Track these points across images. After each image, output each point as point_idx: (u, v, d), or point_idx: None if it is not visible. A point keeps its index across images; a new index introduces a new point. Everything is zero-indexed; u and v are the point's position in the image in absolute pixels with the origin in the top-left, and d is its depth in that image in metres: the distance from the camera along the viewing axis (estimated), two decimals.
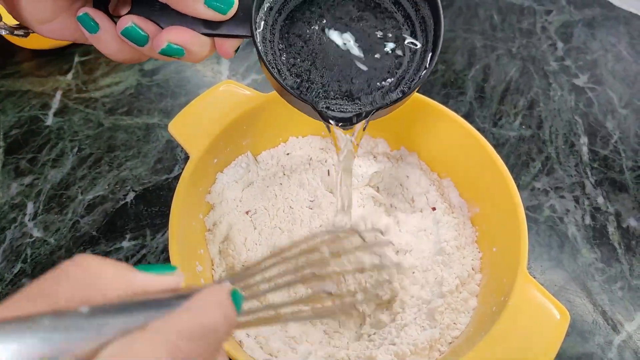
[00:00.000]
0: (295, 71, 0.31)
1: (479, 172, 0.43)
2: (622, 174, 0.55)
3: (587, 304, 0.45)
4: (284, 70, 0.31)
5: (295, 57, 0.32)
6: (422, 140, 0.47)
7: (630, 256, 0.48)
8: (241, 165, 0.46)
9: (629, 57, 0.66)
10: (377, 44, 0.32)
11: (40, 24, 0.30)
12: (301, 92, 0.31)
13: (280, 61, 0.31)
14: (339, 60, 0.31)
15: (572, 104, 0.61)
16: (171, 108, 0.58)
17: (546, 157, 0.56)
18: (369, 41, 0.32)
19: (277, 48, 0.31)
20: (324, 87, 0.31)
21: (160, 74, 0.62)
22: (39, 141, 0.55)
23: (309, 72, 0.31)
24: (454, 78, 0.63)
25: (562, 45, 0.67)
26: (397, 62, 0.32)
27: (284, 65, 0.31)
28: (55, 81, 0.61)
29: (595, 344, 0.43)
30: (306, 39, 0.32)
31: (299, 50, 0.32)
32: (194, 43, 0.29)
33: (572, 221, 0.51)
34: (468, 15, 0.71)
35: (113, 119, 0.57)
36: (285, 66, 0.31)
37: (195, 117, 0.43)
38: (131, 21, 0.28)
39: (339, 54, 0.31)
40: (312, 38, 0.32)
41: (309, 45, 0.32)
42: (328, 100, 0.31)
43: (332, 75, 0.31)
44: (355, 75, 0.31)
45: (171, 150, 0.54)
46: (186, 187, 0.39)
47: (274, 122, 0.47)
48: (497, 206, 0.41)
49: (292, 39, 0.32)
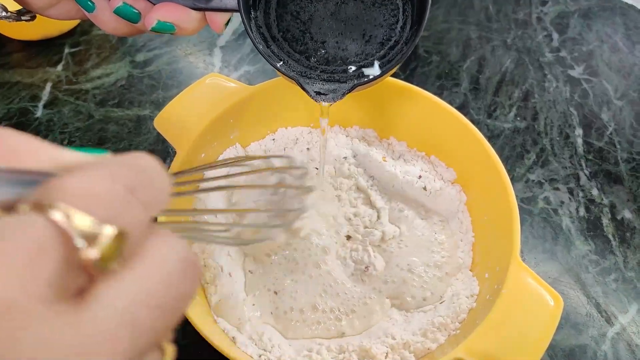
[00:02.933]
0: (290, 38, 0.32)
1: (472, 163, 0.43)
2: (617, 165, 0.54)
3: (581, 296, 0.45)
4: (271, 41, 0.32)
5: (288, 28, 0.32)
6: (414, 131, 0.47)
7: (624, 248, 0.48)
8: (230, 156, 0.46)
9: (625, 48, 0.66)
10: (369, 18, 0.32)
11: (47, 8, 0.31)
12: (289, 65, 0.32)
13: (270, 32, 0.32)
14: (328, 30, 0.32)
15: (567, 96, 0.60)
16: (162, 100, 0.57)
17: (541, 148, 0.55)
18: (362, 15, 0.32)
19: (270, 18, 0.32)
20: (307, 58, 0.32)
21: (152, 66, 0.61)
22: (29, 133, 0.54)
23: (300, 41, 0.32)
24: (449, 69, 0.62)
25: (558, 36, 0.67)
26: (386, 35, 0.32)
27: (277, 34, 0.32)
28: (45, 72, 0.60)
29: (589, 336, 0.43)
30: (299, 14, 0.32)
31: (291, 22, 0.32)
32: (184, 19, 0.30)
33: (567, 213, 0.50)
34: (463, 6, 0.70)
35: (104, 110, 0.57)
36: (280, 33, 0.32)
37: (181, 112, 0.42)
38: (122, 1, 0.29)
39: (330, 24, 0.32)
40: (304, 11, 0.32)
41: (301, 17, 0.32)
42: (311, 70, 0.32)
43: (317, 44, 0.32)
44: (343, 46, 0.32)
45: (162, 143, 0.54)
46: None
47: (261, 114, 0.46)
48: (491, 196, 0.41)
49: (286, 14, 0.32)
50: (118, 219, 0.13)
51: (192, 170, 0.25)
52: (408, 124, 0.47)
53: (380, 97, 0.46)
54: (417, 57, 0.63)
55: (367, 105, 0.47)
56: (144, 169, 0.15)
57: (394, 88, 0.45)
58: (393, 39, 0.32)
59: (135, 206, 0.14)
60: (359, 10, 0.31)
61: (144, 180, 0.15)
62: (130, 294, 0.13)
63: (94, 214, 0.13)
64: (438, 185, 0.45)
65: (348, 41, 0.32)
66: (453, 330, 0.37)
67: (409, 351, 0.37)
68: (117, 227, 0.13)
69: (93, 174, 0.14)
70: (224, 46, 0.63)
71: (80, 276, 0.13)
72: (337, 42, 0.32)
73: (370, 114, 0.48)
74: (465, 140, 0.43)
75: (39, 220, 0.12)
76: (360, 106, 0.47)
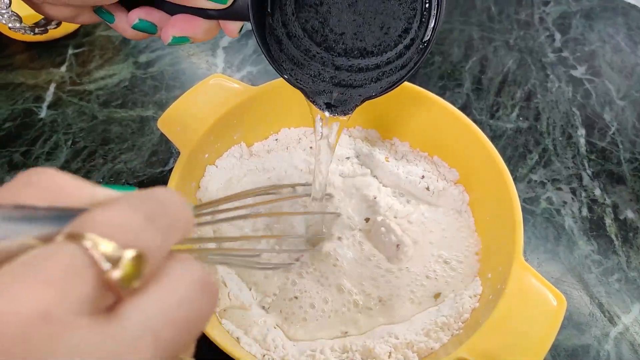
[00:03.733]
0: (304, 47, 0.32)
1: (475, 163, 0.43)
2: (620, 165, 0.54)
3: (584, 296, 0.45)
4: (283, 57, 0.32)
5: (307, 20, 0.31)
6: (417, 131, 0.47)
7: (627, 248, 0.48)
8: (234, 155, 0.46)
9: (627, 48, 0.66)
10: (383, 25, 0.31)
11: (68, 20, 0.32)
12: (297, 79, 0.32)
13: (287, 29, 0.32)
14: (342, 35, 0.31)
15: (569, 96, 0.60)
16: (166, 101, 0.58)
17: (543, 149, 0.55)
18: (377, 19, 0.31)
19: (287, 15, 0.32)
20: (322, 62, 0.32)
21: (155, 67, 0.61)
22: (33, 134, 0.55)
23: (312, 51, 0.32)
24: (451, 70, 0.62)
25: (560, 37, 0.67)
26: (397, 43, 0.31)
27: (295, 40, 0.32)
28: (48, 73, 0.60)
29: (592, 336, 0.43)
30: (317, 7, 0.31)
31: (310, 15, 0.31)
32: (197, 32, 0.31)
33: (569, 213, 0.50)
34: (465, 6, 0.70)
35: (107, 111, 0.57)
36: (300, 27, 0.32)
37: (184, 112, 0.43)
38: (137, 17, 0.31)
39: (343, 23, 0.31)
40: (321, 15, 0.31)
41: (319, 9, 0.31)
42: (323, 82, 0.32)
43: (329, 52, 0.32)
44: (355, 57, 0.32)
45: (166, 143, 0.54)
46: (177, 184, 0.39)
47: (264, 114, 0.46)
48: (493, 196, 0.41)
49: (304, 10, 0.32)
50: (137, 243, 0.15)
51: (218, 202, 0.27)
52: (411, 124, 0.47)
53: (383, 98, 0.46)
54: None
55: (369, 105, 0.47)
56: (163, 200, 0.17)
57: (397, 89, 0.45)
58: (409, 36, 0.31)
59: (153, 232, 0.16)
60: (378, 3, 0.31)
61: (162, 210, 0.17)
62: (151, 311, 0.15)
63: (116, 240, 0.15)
64: (441, 185, 0.45)
65: (367, 34, 0.31)
66: (456, 330, 0.37)
67: (412, 351, 0.37)
68: (136, 250, 0.15)
69: (117, 207, 0.16)
70: (227, 47, 0.64)
71: (109, 295, 0.15)
72: (356, 35, 0.31)
73: (372, 115, 0.48)
74: (467, 141, 0.43)
75: (71, 247, 0.14)
76: (362, 107, 0.47)
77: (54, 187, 0.17)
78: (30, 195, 0.16)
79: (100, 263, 0.14)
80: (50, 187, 0.17)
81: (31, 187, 0.16)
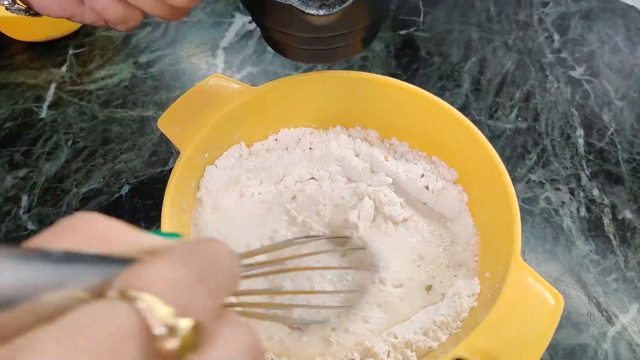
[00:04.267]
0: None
1: (474, 163, 0.43)
2: (618, 166, 0.55)
3: (582, 296, 0.45)
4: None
5: None
6: (416, 131, 0.47)
7: (625, 248, 0.48)
8: (234, 155, 0.46)
9: (626, 49, 0.66)
10: None
11: (57, 15, 0.33)
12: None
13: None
14: None
15: (568, 96, 0.61)
16: (166, 101, 0.58)
17: (542, 149, 0.55)
18: None
19: None
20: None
21: (155, 67, 0.61)
22: (33, 134, 0.55)
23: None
24: (450, 70, 0.63)
25: (559, 37, 0.67)
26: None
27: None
28: (49, 73, 0.60)
29: (590, 336, 0.43)
30: None
31: None
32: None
33: (568, 213, 0.51)
34: (464, 7, 0.70)
35: (107, 111, 0.57)
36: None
37: (184, 113, 0.43)
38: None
39: None
40: None
41: None
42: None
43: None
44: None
45: (166, 143, 0.54)
46: (176, 184, 0.39)
47: (264, 115, 0.46)
48: (492, 196, 0.41)
49: None
50: (193, 309, 0.14)
51: (261, 251, 0.27)
52: (410, 124, 0.47)
53: (382, 97, 0.46)
54: (418, 59, 0.64)
55: (368, 105, 0.47)
56: (213, 255, 0.16)
57: (396, 89, 0.45)
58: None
59: (207, 296, 0.15)
60: None
61: (213, 267, 0.16)
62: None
63: (173, 304, 0.14)
64: (440, 185, 0.45)
65: None
66: (454, 329, 0.38)
67: (410, 350, 0.37)
68: (195, 319, 0.14)
69: (167, 262, 0.15)
70: (227, 47, 0.64)
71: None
72: None
73: (372, 115, 0.48)
74: (466, 141, 0.43)
75: (124, 307, 0.13)
76: (362, 107, 0.48)
77: (98, 233, 0.16)
78: (75, 241, 0.15)
79: (154, 329, 0.13)
80: (95, 233, 0.16)
81: (75, 232, 0.16)
